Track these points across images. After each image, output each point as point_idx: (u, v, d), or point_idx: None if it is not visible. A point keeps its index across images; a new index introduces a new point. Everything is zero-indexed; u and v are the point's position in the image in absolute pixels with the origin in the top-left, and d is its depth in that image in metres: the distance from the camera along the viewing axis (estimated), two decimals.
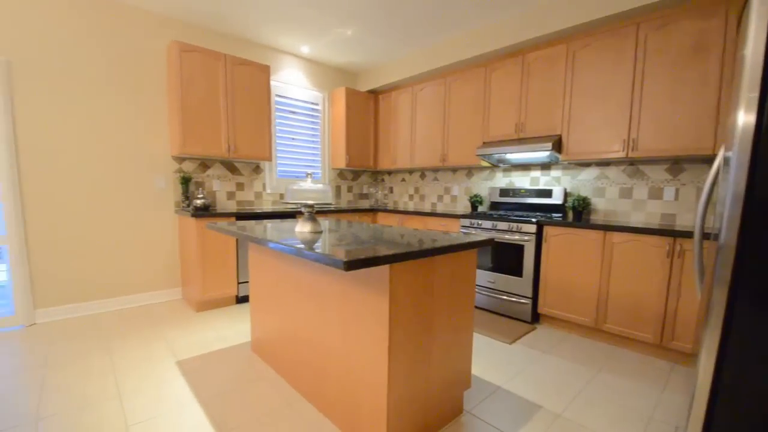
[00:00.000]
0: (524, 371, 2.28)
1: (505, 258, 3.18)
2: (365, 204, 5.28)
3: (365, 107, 4.70)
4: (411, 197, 4.90)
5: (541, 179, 3.57)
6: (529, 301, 3.05)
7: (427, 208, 4.64)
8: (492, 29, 3.39)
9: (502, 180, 3.88)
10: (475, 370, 2.28)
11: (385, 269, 1.39)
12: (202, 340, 2.66)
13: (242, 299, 3.53)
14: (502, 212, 3.56)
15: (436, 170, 4.55)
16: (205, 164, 3.71)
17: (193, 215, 3.11)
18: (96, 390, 1.99)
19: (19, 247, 2.81)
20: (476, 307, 3.44)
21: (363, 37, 3.76)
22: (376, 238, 1.70)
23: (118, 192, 3.24)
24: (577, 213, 3.12)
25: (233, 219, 3.32)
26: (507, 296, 3.18)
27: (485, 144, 3.58)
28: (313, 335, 1.85)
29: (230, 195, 3.92)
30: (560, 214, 3.31)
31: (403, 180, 5.00)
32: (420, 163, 4.31)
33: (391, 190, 5.21)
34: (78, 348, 2.50)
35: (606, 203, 3.16)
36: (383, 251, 1.32)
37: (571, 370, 2.32)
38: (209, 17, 3.38)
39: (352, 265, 1.15)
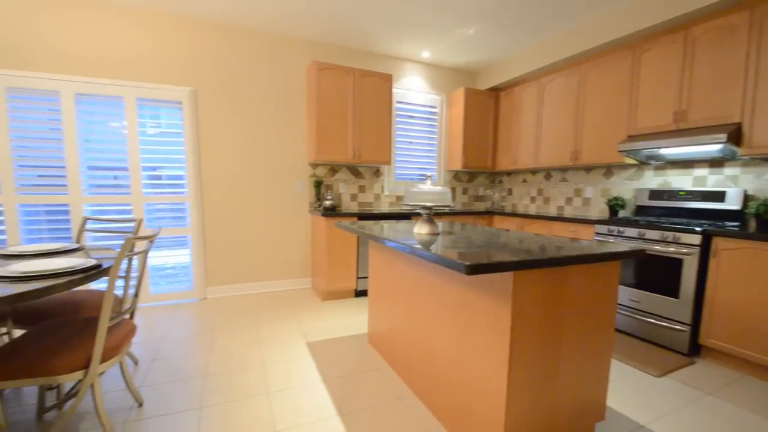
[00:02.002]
0: (677, 413, 1.87)
1: (656, 273, 2.67)
2: (481, 206, 5.09)
3: (485, 106, 4.53)
4: (533, 200, 4.53)
5: (709, 179, 2.89)
6: (686, 329, 2.49)
7: (552, 211, 4.22)
8: (640, 4, 2.89)
9: (653, 180, 3.27)
10: (611, 401, 1.97)
11: (508, 276, 1.31)
12: (327, 327, 2.93)
13: (360, 293, 3.78)
14: (652, 218, 3.00)
15: (564, 170, 4.10)
16: (334, 169, 4.10)
17: (323, 215, 3.47)
18: (247, 357, 2.38)
19: (198, 236, 3.56)
20: (615, 329, 2.97)
21: (485, 33, 3.63)
22: (498, 243, 1.61)
23: (268, 194, 3.82)
24: (763, 222, 2.42)
25: (355, 219, 3.58)
26: (655, 320, 2.66)
27: (631, 138, 3.07)
28: (427, 335, 1.86)
29: (353, 197, 4.24)
30: (737, 223, 2.62)
31: (525, 181, 4.65)
32: (546, 162, 3.94)
33: (509, 191, 4.90)
34: (235, 321, 3.03)
35: None
36: (507, 257, 1.24)
37: (748, 420, 1.80)
38: (342, 36, 3.72)
39: (474, 269, 1.11)
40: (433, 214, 3.92)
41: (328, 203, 3.71)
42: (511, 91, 4.38)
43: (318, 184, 3.91)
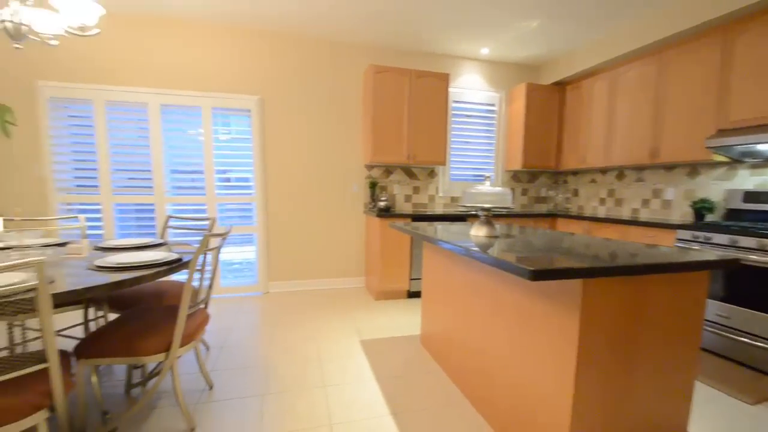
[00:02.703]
0: None
1: (751, 286, 2.33)
2: (542, 208, 4.82)
3: (548, 102, 4.29)
4: (602, 201, 4.19)
5: None
6: None
7: (625, 214, 3.87)
8: None
9: (748, 180, 2.86)
10: (694, 428, 1.76)
11: (576, 284, 1.22)
12: (380, 326, 2.97)
13: (413, 294, 3.77)
14: (747, 224, 2.63)
15: (640, 168, 3.74)
16: (388, 170, 4.14)
17: (377, 215, 3.52)
18: (304, 351, 2.49)
19: (263, 235, 3.80)
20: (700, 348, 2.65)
21: (550, 25, 3.44)
22: (563, 248, 1.52)
23: (326, 196, 3.97)
24: None
25: (409, 220, 3.58)
26: (750, 339, 2.33)
27: (721, 132, 2.71)
28: (482, 341, 1.80)
29: (407, 198, 4.25)
30: None
31: (593, 181, 4.32)
32: (618, 160, 3.63)
33: (575, 192, 4.59)
34: (294, 315, 3.19)
35: None
36: (575, 263, 1.16)
37: None
38: (399, 39, 3.74)
39: (539, 275, 1.05)
40: (491, 216, 3.80)
41: (382, 204, 3.75)
42: (579, 85, 4.10)
43: (373, 186, 3.98)
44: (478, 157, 4.49)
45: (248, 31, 3.58)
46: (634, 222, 3.15)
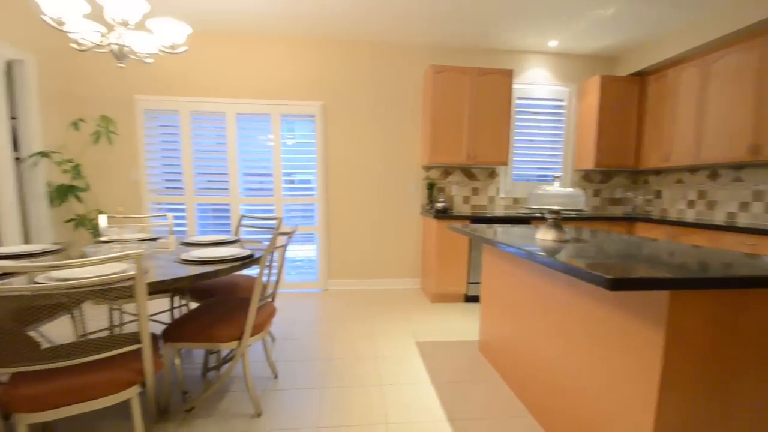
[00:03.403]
0: None
1: None
2: (617, 211, 4.42)
3: (626, 94, 3.91)
4: (691, 204, 3.73)
5: None
6: None
7: (718, 219, 3.40)
8: None
9: None
10: None
11: (661, 297, 1.10)
12: (436, 329, 2.93)
13: (470, 298, 3.67)
14: None
15: (738, 167, 3.27)
16: (447, 171, 4.08)
17: (434, 217, 3.48)
18: (362, 348, 2.54)
19: (324, 234, 3.95)
20: None
21: (628, 11, 3.14)
22: (642, 255, 1.37)
23: (384, 197, 4.03)
24: None
25: (468, 222, 3.49)
26: None
27: None
28: (548, 351, 1.70)
29: (465, 199, 4.15)
30: None
31: (680, 181, 3.86)
32: (711, 157, 3.20)
33: (657, 194, 4.13)
34: (352, 313, 3.27)
35: None
36: (662, 272, 1.05)
37: None
38: (460, 37, 3.67)
39: (619, 284, 0.96)
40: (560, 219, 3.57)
41: (440, 205, 3.70)
42: (663, 75, 3.69)
43: (430, 187, 3.94)
44: (544, 156, 4.24)
45: (314, 41, 3.75)
46: (730, 227, 2.75)
